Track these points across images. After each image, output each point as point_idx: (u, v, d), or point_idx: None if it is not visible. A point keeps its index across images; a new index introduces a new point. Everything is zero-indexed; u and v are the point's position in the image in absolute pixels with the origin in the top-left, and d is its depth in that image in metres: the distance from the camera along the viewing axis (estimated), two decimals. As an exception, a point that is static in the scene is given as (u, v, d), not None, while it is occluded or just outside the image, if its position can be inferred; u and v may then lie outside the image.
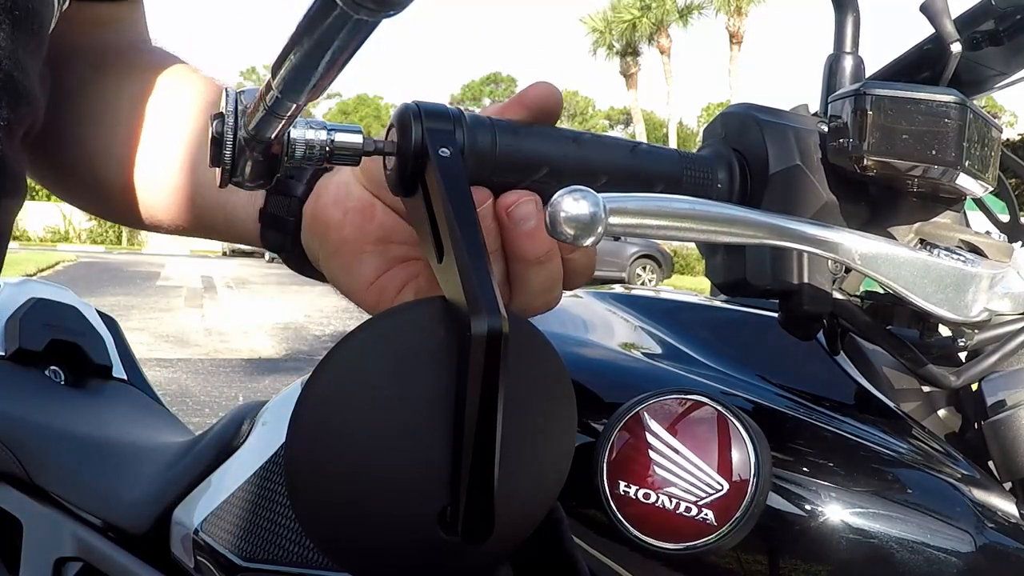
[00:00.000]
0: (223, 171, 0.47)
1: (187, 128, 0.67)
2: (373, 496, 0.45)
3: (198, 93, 0.68)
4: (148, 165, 0.68)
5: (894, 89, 0.56)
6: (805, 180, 0.59)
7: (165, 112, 0.68)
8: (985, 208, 0.81)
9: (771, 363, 0.80)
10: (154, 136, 0.68)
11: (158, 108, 0.68)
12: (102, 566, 1.18)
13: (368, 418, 0.45)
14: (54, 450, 1.27)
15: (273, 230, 0.62)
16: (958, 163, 0.56)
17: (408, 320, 0.46)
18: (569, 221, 0.43)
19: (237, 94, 0.47)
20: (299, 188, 0.61)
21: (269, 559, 0.95)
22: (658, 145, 0.57)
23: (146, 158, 0.68)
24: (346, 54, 0.37)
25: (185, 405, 5.90)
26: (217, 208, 0.65)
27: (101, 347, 1.50)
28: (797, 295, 0.61)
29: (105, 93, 0.70)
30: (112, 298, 12.46)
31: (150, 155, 0.68)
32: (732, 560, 0.65)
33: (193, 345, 8.42)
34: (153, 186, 0.68)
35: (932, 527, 0.63)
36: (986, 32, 0.66)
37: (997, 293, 0.58)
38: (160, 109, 0.68)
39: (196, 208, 0.67)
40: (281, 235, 0.62)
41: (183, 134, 0.67)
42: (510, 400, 0.44)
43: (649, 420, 0.65)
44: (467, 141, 0.50)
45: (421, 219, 0.49)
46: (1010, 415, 0.65)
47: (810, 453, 0.68)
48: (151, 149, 0.68)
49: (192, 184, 0.67)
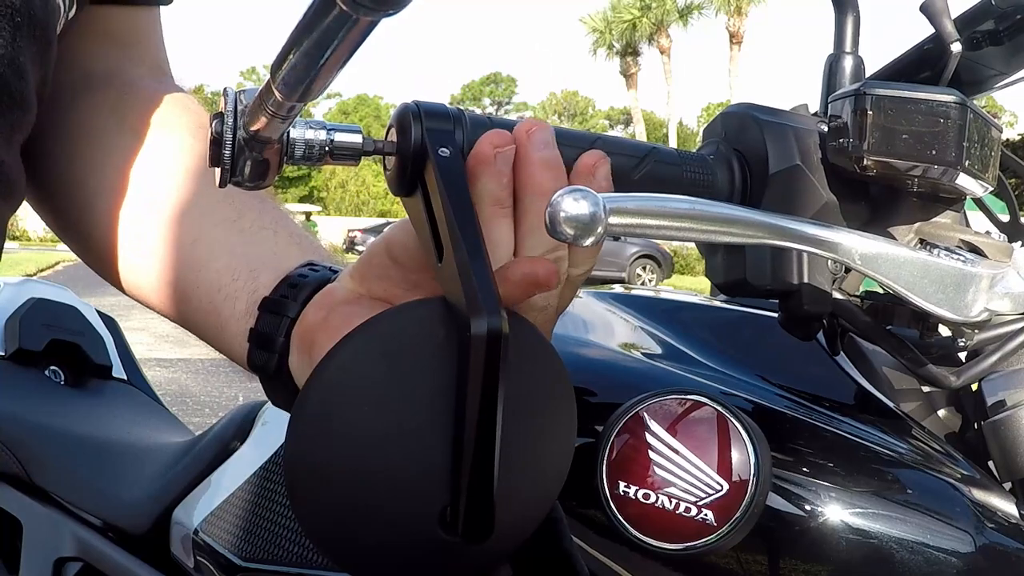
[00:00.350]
0: (222, 171, 0.47)
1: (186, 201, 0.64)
2: (373, 496, 0.45)
3: (191, 156, 0.65)
4: (134, 229, 0.65)
5: (894, 89, 0.56)
6: (805, 180, 0.59)
7: (162, 179, 0.65)
8: (985, 208, 0.81)
9: (771, 363, 0.80)
10: (149, 205, 0.64)
11: (158, 173, 0.65)
12: (102, 566, 1.18)
13: (368, 418, 0.45)
14: (54, 450, 1.27)
15: (260, 348, 0.59)
16: (958, 163, 0.56)
17: (408, 320, 0.46)
18: (569, 221, 0.43)
19: (237, 94, 0.47)
20: (292, 308, 0.58)
21: (269, 559, 0.95)
22: (659, 145, 0.57)
23: (135, 222, 0.64)
24: (346, 54, 0.37)
25: (185, 405, 5.90)
26: (213, 312, 0.62)
27: (101, 347, 1.50)
28: (797, 295, 0.61)
29: (113, 138, 0.67)
30: (112, 298, 12.42)
31: (139, 219, 0.65)
32: (732, 560, 0.65)
33: (193, 345, 8.38)
34: (140, 257, 0.65)
35: (932, 527, 0.63)
36: (986, 32, 0.66)
37: (997, 293, 0.58)
38: (161, 176, 0.65)
39: (187, 300, 0.64)
40: (267, 354, 0.58)
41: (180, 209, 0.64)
42: (510, 400, 0.44)
43: (649, 420, 0.65)
44: (467, 141, 0.50)
45: (420, 219, 0.49)
46: (1010, 415, 0.65)
47: (810, 453, 0.68)
48: (140, 213, 0.65)
49: (184, 277, 0.63)
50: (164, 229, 0.64)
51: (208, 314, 0.63)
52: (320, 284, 0.58)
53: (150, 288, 0.66)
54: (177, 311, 0.65)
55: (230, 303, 0.61)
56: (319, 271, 0.59)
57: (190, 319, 0.65)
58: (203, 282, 0.63)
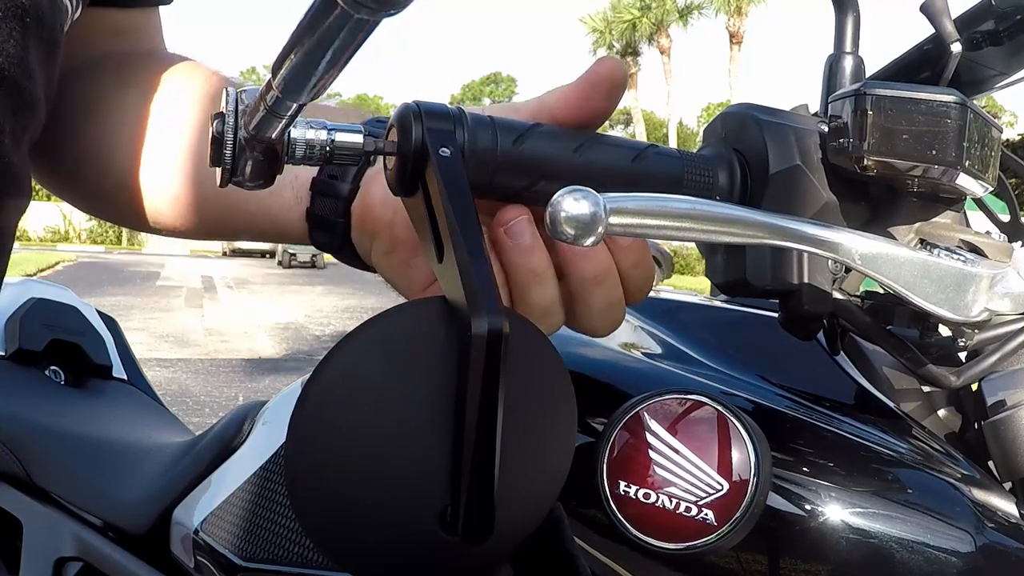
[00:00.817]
0: (223, 171, 0.47)
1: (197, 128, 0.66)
2: (373, 496, 0.45)
3: (207, 87, 0.68)
4: (161, 168, 0.67)
5: (894, 89, 0.56)
6: (805, 180, 0.59)
7: (175, 112, 0.67)
8: (985, 208, 0.81)
9: (771, 363, 0.80)
10: (184, 139, 0.67)
11: (172, 108, 0.67)
12: (102, 566, 1.18)
13: (368, 418, 0.45)
14: (54, 450, 1.27)
15: (321, 231, 0.61)
16: (958, 163, 0.56)
17: (408, 320, 0.46)
18: (569, 221, 0.43)
19: (237, 93, 0.47)
20: (344, 188, 0.59)
21: (269, 559, 0.96)
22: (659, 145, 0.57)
23: (171, 160, 0.67)
24: (347, 53, 0.37)
25: (185, 405, 5.91)
26: (262, 214, 0.64)
27: (101, 347, 1.50)
28: (797, 295, 0.61)
29: (120, 99, 0.69)
30: (112, 298, 12.45)
31: (174, 158, 0.67)
32: (732, 560, 0.65)
33: (193, 345, 8.42)
34: (174, 188, 0.67)
35: (932, 527, 0.63)
36: (986, 32, 0.66)
37: (997, 293, 0.58)
38: (174, 109, 0.67)
39: (238, 213, 0.66)
40: (330, 235, 0.61)
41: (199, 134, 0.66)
42: (510, 400, 0.44)
43: (649, 420, 0.65)
44: (468, 141, 0.50)
45: (421, 219, 0.49)
46: (1010, 415, 0.65)
47: (810, 453, 0.68)
48: (165, 150, 0.67)
49: (234, 191, 0.67)
50: (193, 153, 0.66)
51: (262, 213, 0.64)
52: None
53: (189, 214, 0.67)
54: (223, 223, 0.67)
55: (276, 197, 0.62)
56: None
57: (240, 226, 0.67)
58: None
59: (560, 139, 0.53)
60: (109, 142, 0.69)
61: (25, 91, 0.55)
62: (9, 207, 0.57)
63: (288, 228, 0.64)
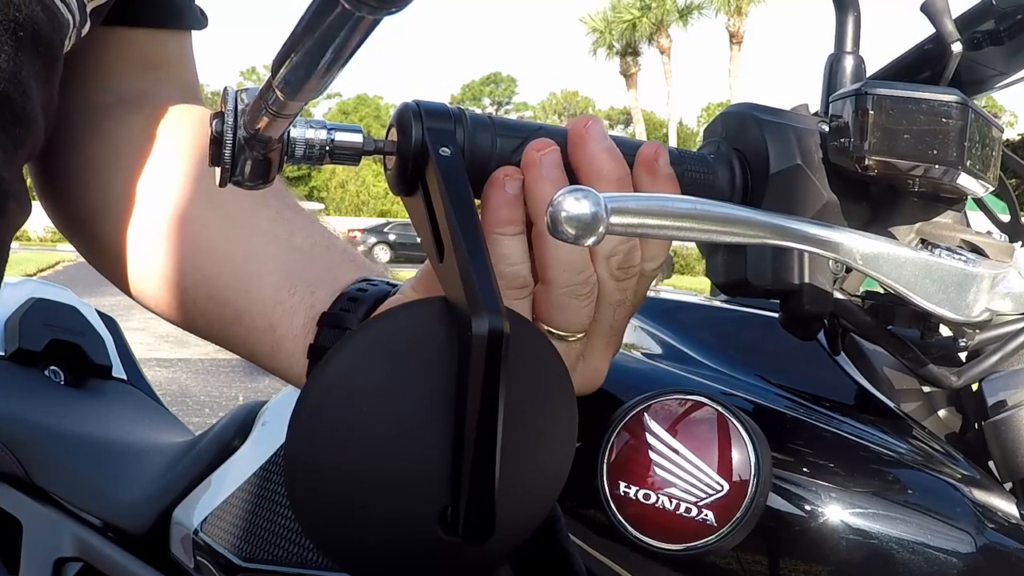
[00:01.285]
0: (223, 170, 0.47)
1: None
2: (373, 496, 0.45)
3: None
4: (175, 253, 0.63)
5: (895, 89, 0.56)
6: (806, 180, 0.59)
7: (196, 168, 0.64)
8: (986, 208, 0.81)
9: (771, 363, 0.80)
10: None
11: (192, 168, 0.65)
12: (102, 566, 1.18)
13: (368, 418, 0.45)
14: (54, 450, 1.27)
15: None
16: (959, 163, 0.56)
17: (409, 320, 0.46)
18: (570, 221, 0.43)
19: (237, 93, 0.47)
20: (353, 321, 0.57)
21: (269, 559, 0.95)
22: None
23: (173, 244, 0.63)
24: (347, 52, 0.37)
25: (185, 405, 5.90)
26: (265, 330, 0.61)
27: (101, 347, 1.50)
28: (798, 295, 0.61)
29: (138, 158, 0.67)
30: (112, 298, 12.43)
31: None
32: (732, 560, 0.65)
33: (193, 345, 8.41)
34: (184, 279, 0.63)
35: (932, 527, 0.63)
36: (986, 32, 0.66)
37: (998, 293, 0.58)
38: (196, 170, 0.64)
39: (239, 318, 0.62)
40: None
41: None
42: (511, 400, 0.44)
43: (649, 421, 0.65)
44: (468, 140, 0.50)
45: (421, 218, 0.49)
46: (1010, 415, 0.65)
47: (810, 453, 0.68)
48: (181, 234, 0.63)
49: (234, 294, 0.61)
50: (211, 247, 0.63)
51: (263, 331, 0.61)
52: (379, 298, 0.58)
53: (192, 308, 0.64)
54: (224, 330, 0.64)
55: (288, 318, 0.60)
56: (377, 285, 0.59)
57: (240, 338, 0.63)
58: (258, 299, 0.61)
59: (561, 139, 0.53)
60: (121, 206, 0.66)
61: (17, 106, 0.54)
62: (2, 223, 0.56)
63: (287, 357, 0.60)
